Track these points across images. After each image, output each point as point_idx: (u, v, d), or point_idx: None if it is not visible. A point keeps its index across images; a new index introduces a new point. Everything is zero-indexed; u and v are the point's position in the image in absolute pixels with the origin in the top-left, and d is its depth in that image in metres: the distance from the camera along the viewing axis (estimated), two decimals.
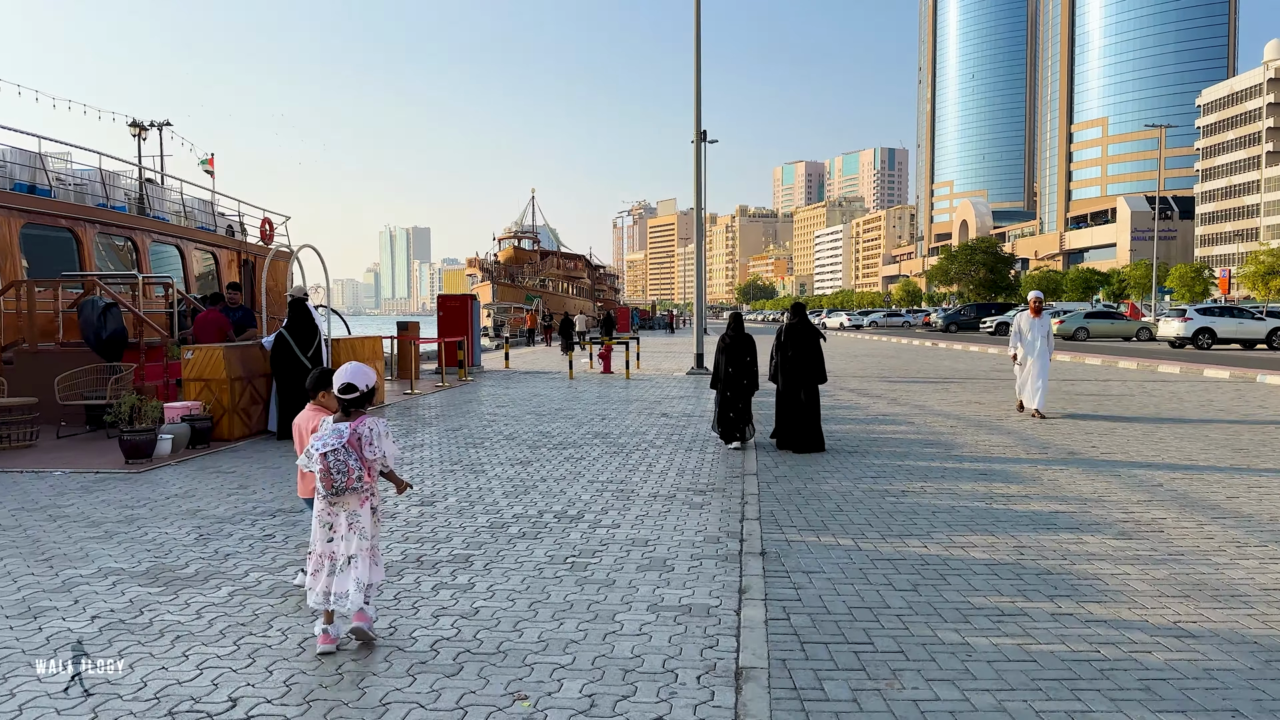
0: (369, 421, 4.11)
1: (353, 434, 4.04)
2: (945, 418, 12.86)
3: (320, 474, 3.95)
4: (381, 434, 4.12)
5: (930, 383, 19.08)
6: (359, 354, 13.79)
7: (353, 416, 4.11)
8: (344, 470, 3.94)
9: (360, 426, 4.08)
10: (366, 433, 4.07)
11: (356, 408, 4.12)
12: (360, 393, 4.10)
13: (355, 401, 4.10)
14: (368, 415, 4.18)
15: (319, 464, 3.95)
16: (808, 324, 10.04)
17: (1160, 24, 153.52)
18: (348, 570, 4.07)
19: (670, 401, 15.10)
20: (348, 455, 3.98)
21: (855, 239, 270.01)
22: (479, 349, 22.72)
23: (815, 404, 9.85)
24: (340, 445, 3.98)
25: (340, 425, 4.06)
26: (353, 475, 3.97)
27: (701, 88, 21.93)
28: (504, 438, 10.79)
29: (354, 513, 4.09)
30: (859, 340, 45.80)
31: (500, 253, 72.02)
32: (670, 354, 32.45)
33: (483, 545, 5.83)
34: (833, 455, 9.54)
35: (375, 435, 4.09)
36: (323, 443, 3.99)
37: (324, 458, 3.94)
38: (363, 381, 4.11)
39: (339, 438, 4.00)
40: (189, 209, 20.29)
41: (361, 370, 4.14)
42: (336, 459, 3.94)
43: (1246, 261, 57.04)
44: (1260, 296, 54.24)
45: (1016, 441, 10.53)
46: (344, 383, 4.08)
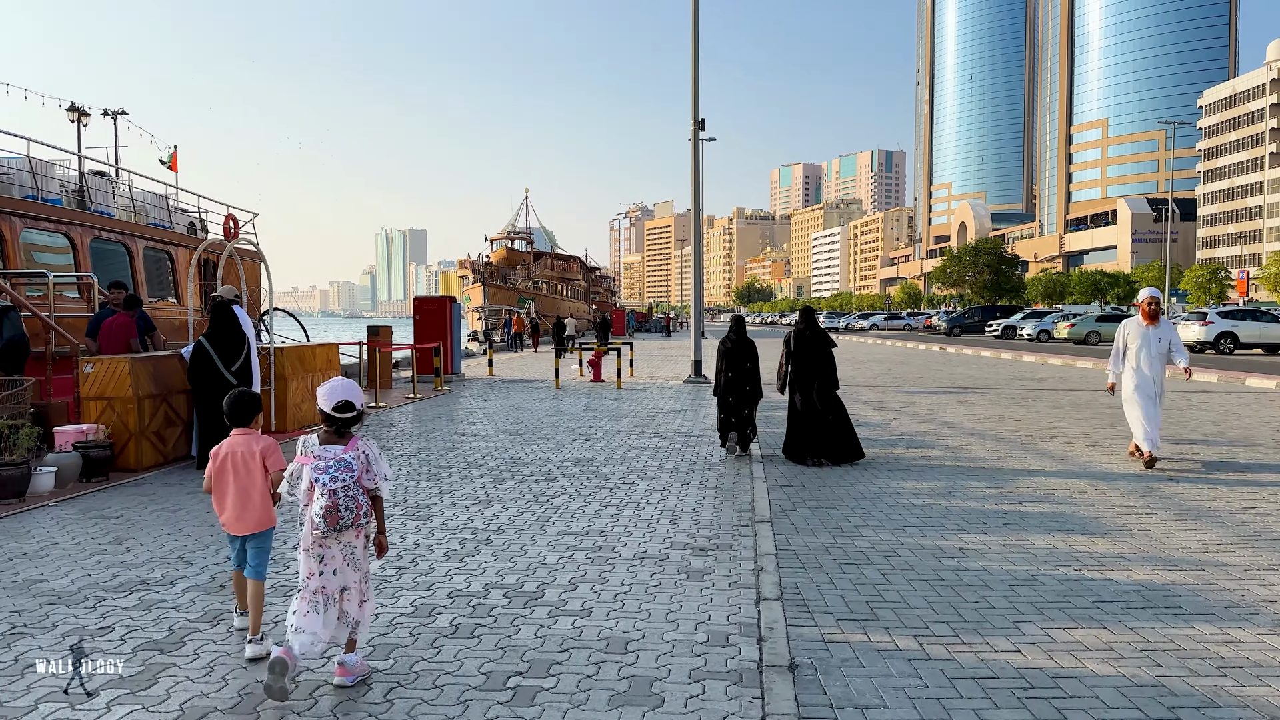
0: (362, 445, 3.76)
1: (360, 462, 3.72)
2: (980, 439, 11.18)
3: (326, 510, 3.59)
4: (378, 456, 3.80)
5: (950, 393, 17.42)
6: (307, 364, 12.09)
7: (344, 439, 3.75)
8: (353, 506, 3.64)
9: (356, 452, 3.71)
10: (364, 459, 3.73)
11: (350, 428, 3.78)
12: (357, 412, 3.77)
13: (350, 422, 3.76)
14: (358, 438, 3.79)
15: (326, 499, 3.59)
16: (819, 330, 9.49)
17: (1160, 24, 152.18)
18: (338, 603, 3.72)
19: (665, 417, 13.41)
20: (357, 490, 3.67)
21: (853, 241, 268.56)
22: (459, 355, 21.02)
23: (841, 411, 9.30)
24: (351, 480, 3.65)
25: (345, 455, 3.68)
26: (361, 510, 3.68)
27: (699, 76, 20.28)
28: (467, 465, 9.09)
29: (349, 545, 3.75)
30: (863, 345, 44.16)
31: (492, 254, 70.29)
32: (667, 359, 30.77)
33: (392, 653, 4.12)
34: (861, 492, 7.86)
35: (374, 459, 3.77)
36: (330, 476, 3.62)
37: (333, 494, 3.60)
38: (359, 400, 3.77)
39: (349, 471, 3.65)
40: (140, 204, 18.57)
41: (354, 387, 3.80)
42: (348, 495, 3.63)
43: (1267, 263, 55.36)
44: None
45: (1075, 471, 8.85)
46: (341, 400, 3.71)
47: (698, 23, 20.00)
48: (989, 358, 30.74)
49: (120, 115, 21.50)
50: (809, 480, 8.44)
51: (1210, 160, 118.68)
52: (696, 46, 20.10)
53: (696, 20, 20.01)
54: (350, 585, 3.73)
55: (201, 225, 21.33)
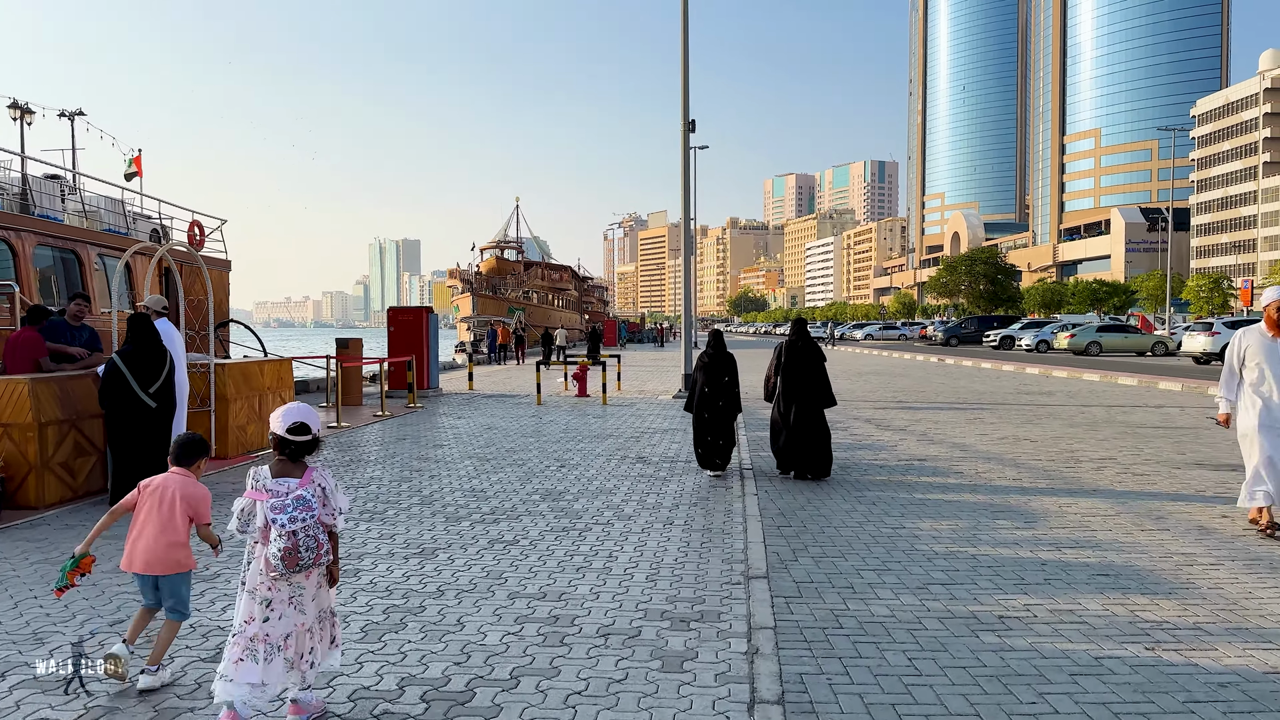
0: (318, 477, 3.42)
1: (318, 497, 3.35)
2: (998, 464, 10.10)
3: (285, 552, 3.20)
4: (334, 488, 3.45)
5: (956, 409, 16.35)
6: (253, 383, 10.96)
7: (297, 469, 3.41)
8: (314, 547, 3.25)
9: (311, 486, 3.36)
10: (320, 492, 3.37)
11: (305, 455, 3.44)
12: (313, 436, 3.44)
13: (306, 447, 3.43)
14: (314, 468, 3.45)
15: (285, 541, 3.19)
16: (810, 342, 9.36)
17: (1153, 34, 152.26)
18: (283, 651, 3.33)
19: (650, 438, 12.31)
20: (318, 529, 3.28)
21: (846, 251, 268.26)
22: (436, 369, 19.89)
23: (824, 428, 9.16)
24: (311, 519, 3.26)
25: (302, 491, 3.31)
26: (321, 550, 3.28)
27: (689, 76, 19.27)
28: (419, 500, 7.96)
29: (297, 586, 3.38)
30: (860, 356, 43.17)
31: (482, 263, 69.17)
32: (658, 371, 29.68)
33: None
34: (873, 534, 6.76)
35: (330, 492, 3.42)
36: (290, 516, 3.22)
37: (293, 536, 3.21)
38: (315, 423, 3.46)
39: (309, 509, 3.27)
40: (93, 209, 17.43)
41: (311, 410, 3.50)
42: (308, 535, 3.24)
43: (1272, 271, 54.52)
44: None
45: (1112, 505, 7.77)
46: (297, 422, 3.39)
47: (687, 20, 18.99)
48: (990, 370, 29.73)
49: (78, 116, 20.37)
50: (810, 518, 7.34)
51: (1204, 169, 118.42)
52: (686, 45, 19.09)
53: (686, 17, 19.00)
54: (294, 630, 3.39)
55: (163, 232, 20.18)
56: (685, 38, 19.08)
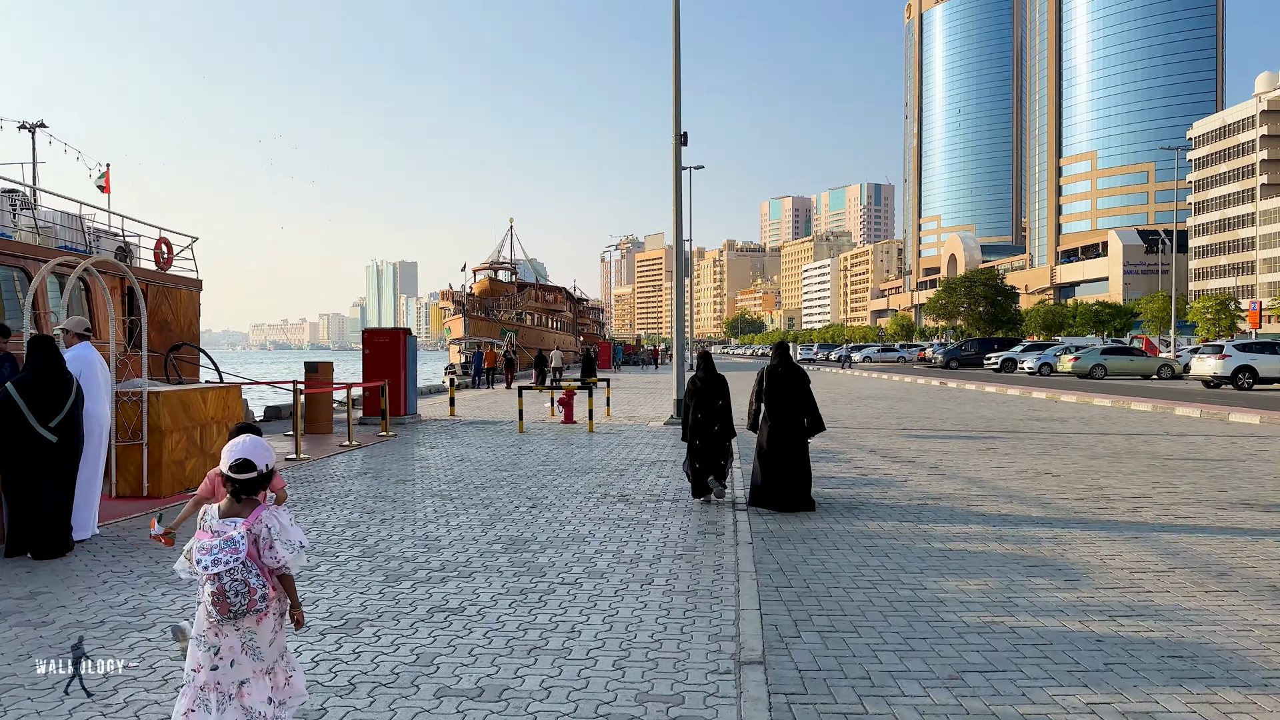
0: (267, 517, 3.13)
1: (249, 538, 3.08)
2: (1022, 504, 9.05)
3: (214, 596, 3.00)
4: (284, 526, 3.14)
5: (966, 438, 15.32)
6: (194, 413, 9.89)
7: (245, 508, 3.14)
8: (244, 591, 3.02)
9: (256, 524, 3.11)
10: (266, 533, 3.11)
11: (250, 493, 3.16)
12: (259, 473, 3.16)
13: (251, 485, 3.15)
14: (265, 506, 3.16)
15: (212, 585, 2.99)
16: (793, 367, 8.93)
17: (1148, 58, 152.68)
18: (237, 699, 3.09)
19: (636, 472, 11.25)
20: (247, 572, 3.04)
21: (843, 273, 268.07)
22: (414, 394, 18.82)
23: (804, 458, 8.71)
24: (237, 562, 3.02)
25: (234, 532, 3.05)
26: (255, 595, 3.04)
27: (681, 88, 18.38)
28: (360, 553, 6.89)
29: (248, 631, 3.12)
30: (859, 379, 42.16)
31: (475, 285, 68.24)
32: (651, 394, 28.63)
33: None
34: (889, 598, 5.71)
35: (277, 531, 3.12)
36: (213, 558, 3.00)
37: (216, 579, 2.99)
38: (262, 459, 3.18)
39: (235, 551, 3.02)
40: (46, 225, 16.43)
41: (260, 445, 3.22)
42: (234, 580, 3.00)
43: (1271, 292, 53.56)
44: None
45: (1162, 558, 6.72)
46: (239, 459, 3.13)
47: (678, 26, 18.13)
48: (995, 394, 28.72)
49: (39, 128, 19.41)
50: (814, 575, 6.29)
51: (1201, 192, 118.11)
52: (677, 52, 18.22)
53: (677, 20, 18.15)
54: (250, 677, 3.14)
55: (127, 250, 19.17)
56: (676, 45, 18.21)
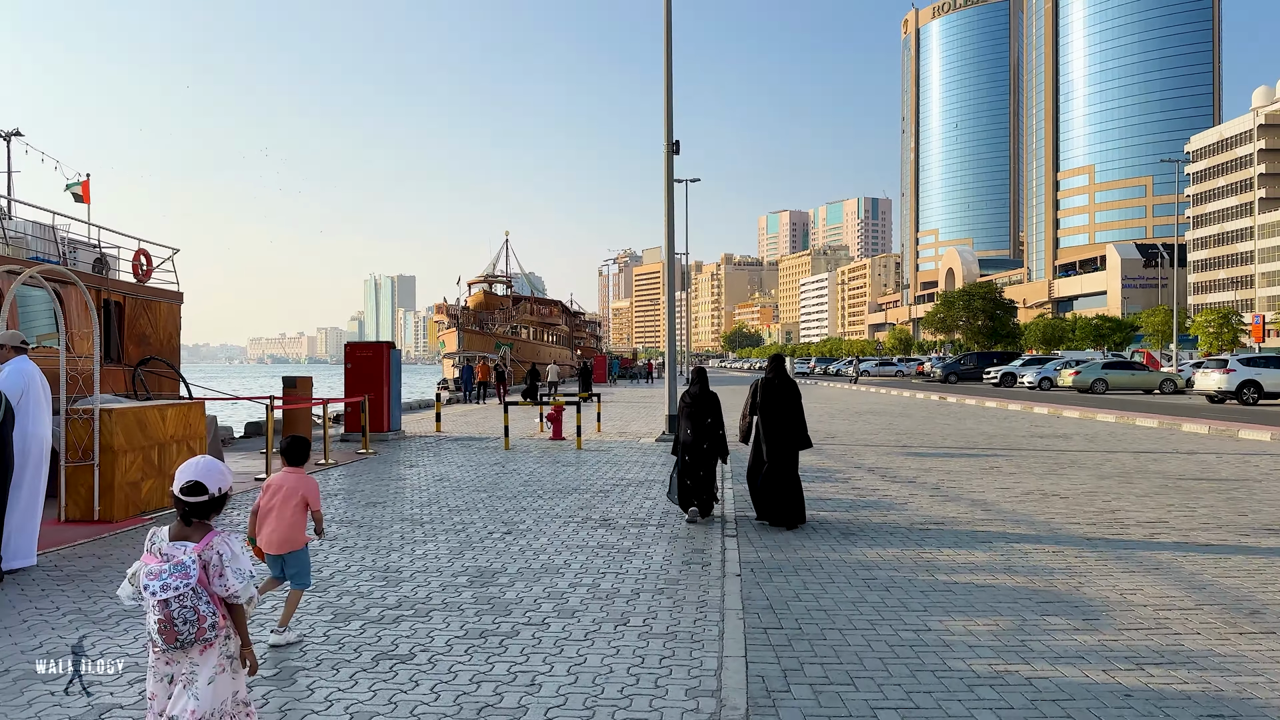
0: (219, 543, 2.98)
1: (199, 564, 2.91)
2: (1030, 529, 8.48)
3: (159, 624, 2.83)
4: (236, 553, 3.01)
5: (968, 455, 14.75)
6: (151, 431, 9.31)
7: (196, 532, 3.00)
8: (193, 619, 2.85)
9: (207, 550, 2.95)
10: (216, 560, 2.95)
11: (201, 517, 3.02)
12: (210, 497, 3.02)
13: (201, 509, 3.02)
14: (217, 531, 3.03)
15: (158, 611, 2.83)
16: (788, 380, 8.84)
17: (1144, 72, 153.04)
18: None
19: (621, 493, 10.67)
20: (197, 599, 2.86)
21: (841, 287, 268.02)
22: (398, 410, 18.25)
23: (795, 475, 8.61)
24: (187, 588, 2.84)
25: (184, 556, 2.89)
26: (205, 623, 2.87)
27: (673, 95, 17.94)
28: (313, 586, 6.31)
29: (194, 662, 2.93)
30: (858, 393, 41.60)
31: (470, 298, 67.71)
32: (645, 409, 28.06)
33: None
34: (891, 641, 5.13)
35: (229, 559, 2.97)
36: (162, 583, 2.83)
37: (164, 605, 2.82)
38: (215, 482, 3.03)
39: (185, 576, 2.85)
40: (16, 235, 15.89)
41: (215, 467, 3.07)
42: (183, 605, 2.83)
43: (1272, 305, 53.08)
44: None
45: (1188, 593, 6.16)
46: (190, 481, 2.99)
47: (670, 32, 17.69)
48: (996, 409, 28.16)
49: (15, 137, 18.89)
50: (808, 613, 5.71)
51: (1199, 206, 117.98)
52: (669, 60, 17.77)
53: (669, 29, 17.71)
54: (208, 716, 2.89)
55: (104, 261, 18.63)
56: (668, 53, 17.77)
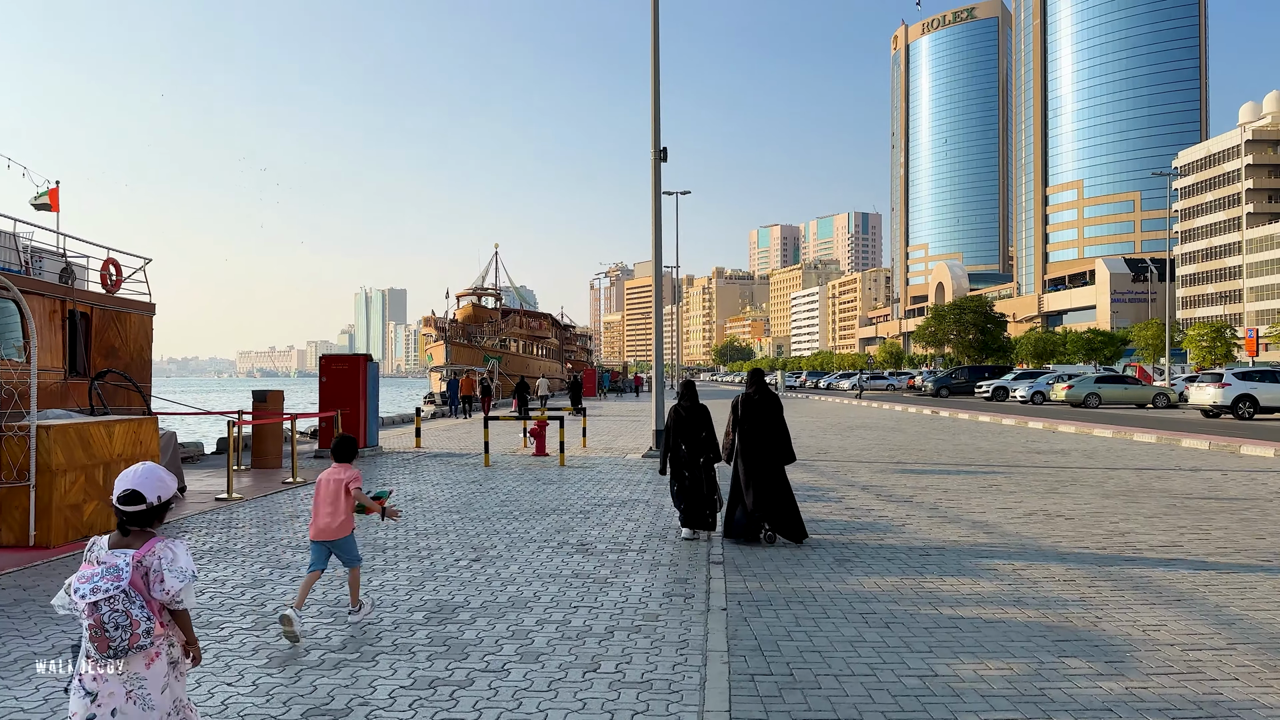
0: (160, 547, 2.86)
1: (137, 568, 2.79)
2: (1038, 555, 7.92)
3: (91, 630, 2.69)
4: (174, 557, 2.85)
5: (965, 473, 14.21)
6: (95, 450, 8.67)
7: (136, 539, 2.87)
8: (126, 624, 2.71)
9: (148, 556, 2.82)
10: (156, 564, 2.81)
11: (140, 526, 2.89)
12: (148, 506, 2.88)
13: (140, 518, 2.88)
14: (159, 538, 2.90)
15: (89, 616, 2.70)
16: (769, 395, 8.68)
17: (1132, 88, 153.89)
18: None
19: (603, 514, 10.08)
20: (129, 602, 2.73)
21: (831, 301, 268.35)
22: (375, 425, 17.61)
23: (786, 485, 8.44)
24: (117, 590, 2.71)
25: (118, 557, 2.78)
26: (138, 628, 2.73)
27: (660, 102, 17.46)
28: (251, 624, 5.69)
29: (135, 677, 2.77)
30: (849, 408, 41.10)
31: (458, 311, 67.08)
32: (632, 424, 27.47)
33: None
34: (894, 689, 4.55)
35: (168, 562, 2.82)
36: (91, 586, 2.72)
37: (94, 609, 2.69)
38: (154, 491, 2.90)
39: (115, 579, 2.73)
40: None
41: (154, 475, 2.93)
42: (114, 610, 2.69)
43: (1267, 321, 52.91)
44: None
45: (1224, 632, 5.60)
46: (127, 489, 2.87)
47: (657, 35, 17.22)
48: (990, 424, 27.67)
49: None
50: (800, 655, 5.13)
51: (1187, 221, 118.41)
52: (656, 67, 17.29)
53: (656, 34, 17.24)
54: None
55: (70, 271, 17.97)
56: (655, 59, 17.29)
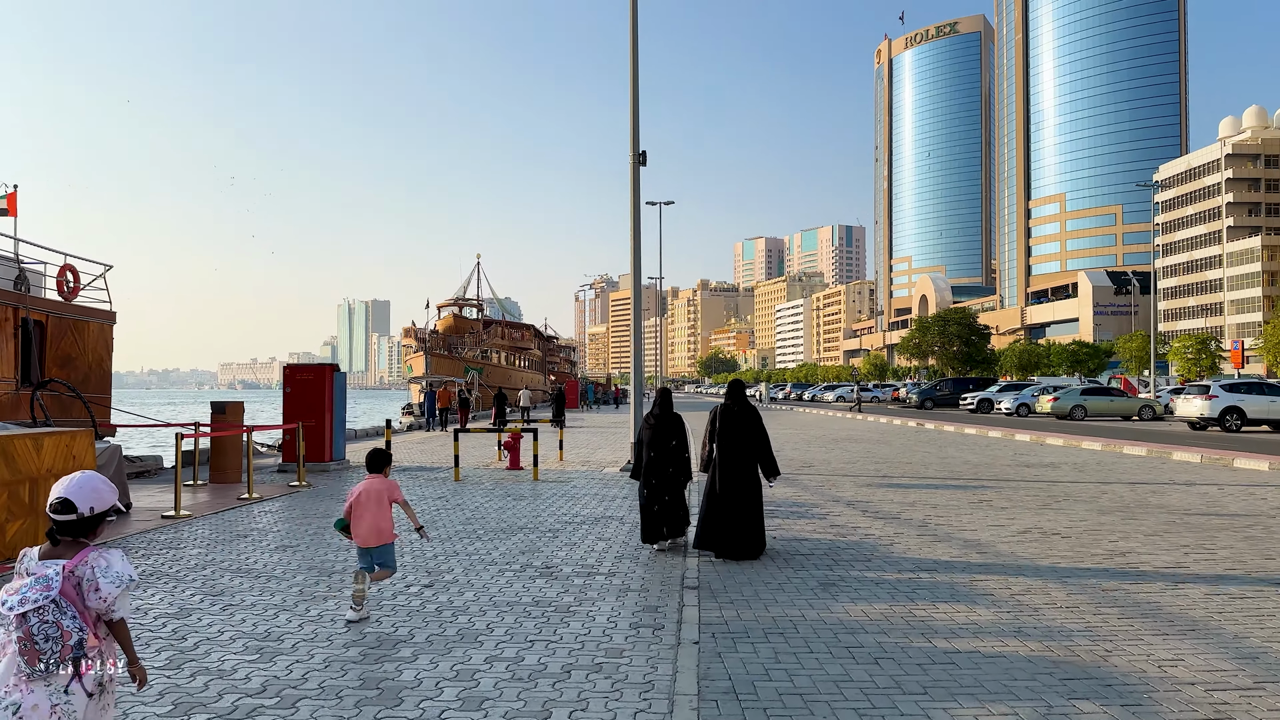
0: (93, 557, 2.73)
1: (68, 579, 2.67)
2: (1036, 577, 7.37)
3: (20, 644, 2.56)
4: (107, 566, 2.71)
5: (953, 487, 13.69)
6: (23, 464, 7.98)
7: (68, 550, 2.73)
8: (55, 636, 2.59)
9: (80, 566, 2.69)
10: (89, 573, 2.69)
11: (72, 536, 2.75)
12: (78, 516, 2.73)
13: (70, 528, 2.74)
14: (93, 547, 2.77)
15: (18, 629, 2.58)
16: (747, 406, 8.54)
17: (1113, 102, 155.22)
18: None
19: (572, 533, 9.47)
20: (60, 612, 2.61)
21: (816, 313, 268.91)
22: (342, 438, 16.93)
23: (757, 500, 8.26)
24: (47, 600, 2.60)
25: (47, 567, 2.66)
26: (69, 640, 2.61)
27: (639, 106, 16.96)
28: (164, 663, 5.05)
29: (60, 692, 2.63)
30: (833, 420, 40.65)
31: (439, 321, 66.32)
32: (612, 437, 26.88)
33: None
34: None
35: (102, 571, 2.69)
36: (20, 597, 2.59)
37: (22, 620, 2.57)
38: (86, 501, 2.74)
39: (46, 589, 2.62)
40: None
41: (89, 484, 2.78)
42: (42, 621, 2.58)
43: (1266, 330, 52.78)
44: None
45: (1249, 669, 5.05)
46: (60, 498, 2.73)
47: (635, 36, 16.73)
48: (976, 436, 27.24)
49: None
50: (778, 698, 4.54)
51: (1168, 234, 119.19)
52: (635, 71, 16.80)
53: (634, 35, 16.75)
54: None
55: (23, 278, 17.24)
56: (634, 62, 16.79)
